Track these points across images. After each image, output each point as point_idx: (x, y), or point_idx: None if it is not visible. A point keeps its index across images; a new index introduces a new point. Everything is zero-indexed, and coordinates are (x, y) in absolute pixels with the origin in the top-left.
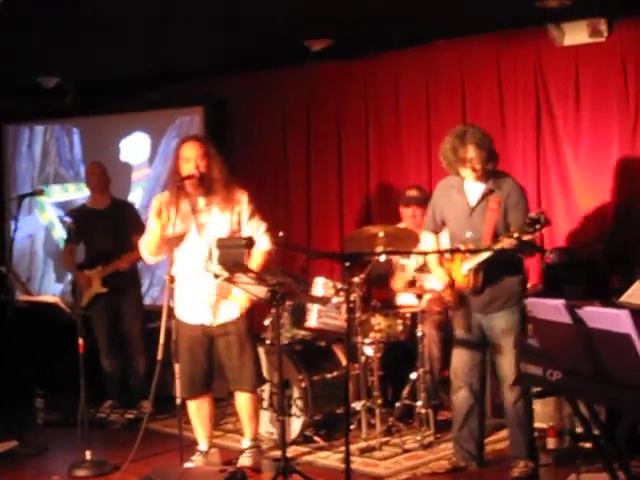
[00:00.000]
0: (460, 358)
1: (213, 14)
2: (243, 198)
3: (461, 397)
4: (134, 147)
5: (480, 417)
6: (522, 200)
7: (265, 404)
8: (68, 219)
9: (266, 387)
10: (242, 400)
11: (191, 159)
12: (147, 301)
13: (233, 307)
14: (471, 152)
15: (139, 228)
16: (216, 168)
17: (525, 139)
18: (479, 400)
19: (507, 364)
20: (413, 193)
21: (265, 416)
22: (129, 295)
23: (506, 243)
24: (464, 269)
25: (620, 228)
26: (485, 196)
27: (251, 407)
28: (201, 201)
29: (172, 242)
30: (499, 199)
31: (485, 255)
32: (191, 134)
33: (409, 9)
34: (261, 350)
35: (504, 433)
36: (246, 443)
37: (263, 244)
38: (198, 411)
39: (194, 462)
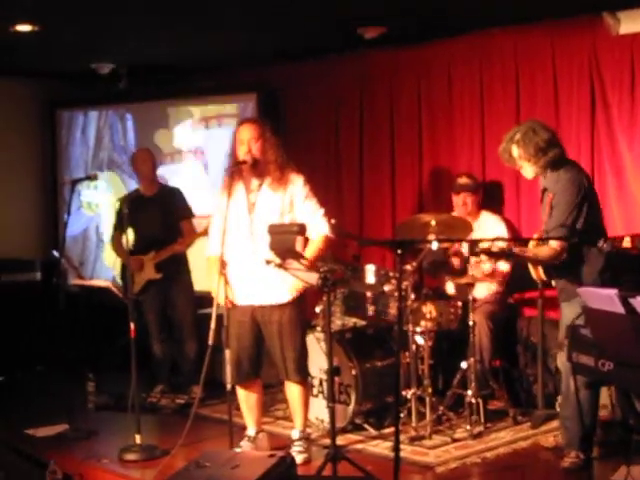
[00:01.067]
0: None
1: (267, 2)
2: (297, 180)
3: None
4: (187, 134)
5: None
6: (562, 199)
7: (315, 391)
8: (123, 206)
9: (317, 374)
10: (291, 390)
11: (245, 142)
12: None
13: (283, 291)
14: (515, 151)
15: (187, 213)
16: (270, 150)
17: (579, 129)
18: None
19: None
20: (464, 181)
21: (316, 403)
22: (180, 280)
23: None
24: None
25: None
26: (543, 193)
27: (300, 398)
28: (254, 182)
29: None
30: (551, 196)
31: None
32: (247, 117)
33: None
34: (312, 337)
35: (555, 424)
36: (295, 434)
37: (322, 228)
38: (247, 397)
39: (242, 447)
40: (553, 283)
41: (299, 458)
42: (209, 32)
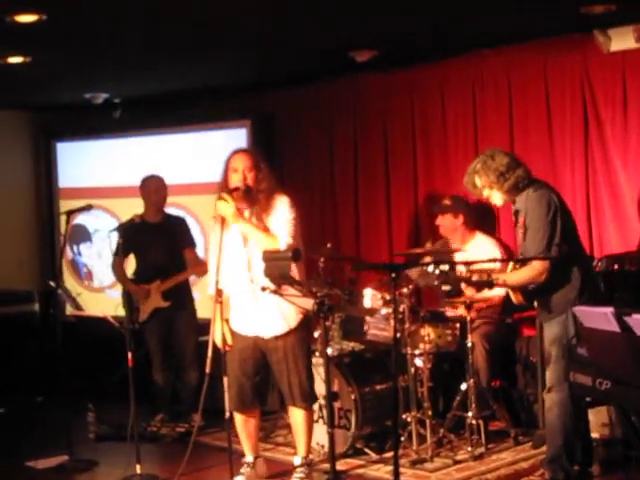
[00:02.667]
0: None
1: (258, 28)
2: (282, 201)
3: None
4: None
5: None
6: (534, 218)
7: (315, 416)
8: (116, 234)
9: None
10: (295, 416)
11: (239, 170)
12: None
13: (286, 320)
14: (478, 181)
15: (190, 242)
16: (264, 181)
17: (573, 146)
18: None
19: (549, 372)
20: (444, 201)
21: (316, 428)
22: (184, 309)
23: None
24: None
25: None
26: (516, 217)
27: (304, 423)
28: (246, 213)
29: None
30: (523, 218)
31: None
32: (240, 147)
33: (454, 18)
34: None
35: None
36: (297, 460)
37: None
38: (245, 424)
39: (243, 475)
40: (535, 304)
41: None
42: (204, 61)
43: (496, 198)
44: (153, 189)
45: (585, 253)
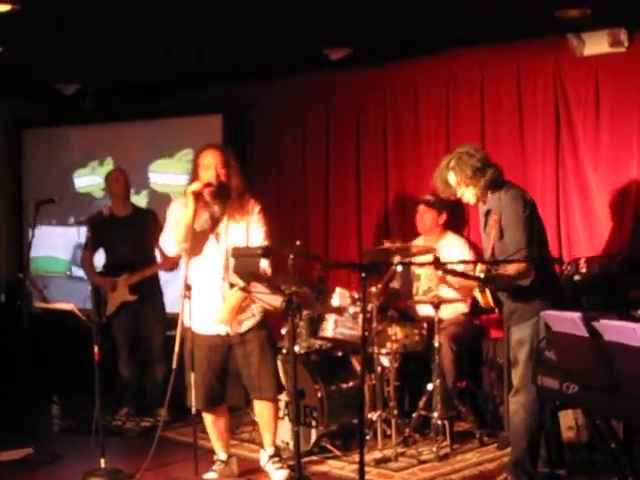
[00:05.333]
0: None
1: (232, 22)
2: (255, 208)
3: None
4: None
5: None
6: (512, 219)
7: (281, 413)
8: (85, 227)
9: (282, 397)
10: (263, 408)
11: (211, 167)
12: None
13: (249, 315)
14: (452, 178)
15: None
16: (234, 177)
17: (544, 149)
18: None
19: (516, 375)
20: (427, 196)
21: (282, 425)
22: (151, 303)
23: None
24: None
25: (639, 239)
26: (486, 216)
27: (272, 415)
28: (217, 210)
29: (195, 239)
30: (496, 218)
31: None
32: (211, 142)
33: (428, 18)
34: (278, 359)
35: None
36: (270, 451)
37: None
38: (215, 422)
39: (216, 472)
40: (502, 309)
41: (281, 475)
42: (175, 53)
43: (469, 195)
44: (113, 180)
45: (550, 256)
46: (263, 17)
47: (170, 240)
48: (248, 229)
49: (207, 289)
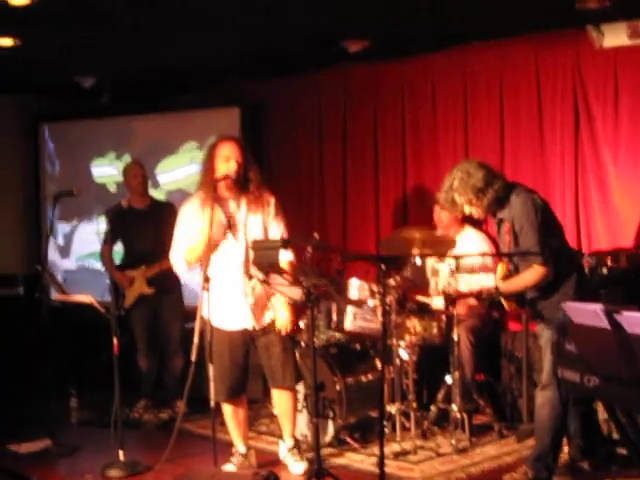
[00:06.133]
0: None
1: (250, 16)
2: (271, 201)
3: None
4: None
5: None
6: (524, 225)
7: (299, 406)
8: (104, 221)
9: (301, 389)
10: (283, 398)
11: (230, 159)
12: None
13: (272, 309)
14: (457, 199)
15: None
16: (251, 170)
17: (563, 142)
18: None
19: (545, 370)
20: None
21: (300, 419)
22: (170, 295)
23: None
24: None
25: None
26: (499, 225)
27: (291, 405)
28: (232, 203)
29: (211, 246)
30: (509, 226)
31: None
32: (227, 134)
33: (447, 11)
34: (296, 352)
35: None
36: (289, 443)
37: (286, 254)
38: (235, 414)
39: (234, 464)
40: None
41: (300, 468)
42: (193, 47)
43: (477, 213)
44: (131, 175)
45: (574, 251)
46: (281, 10)
47: (181, 261)
48: (265, 221)
49: (227, 284)
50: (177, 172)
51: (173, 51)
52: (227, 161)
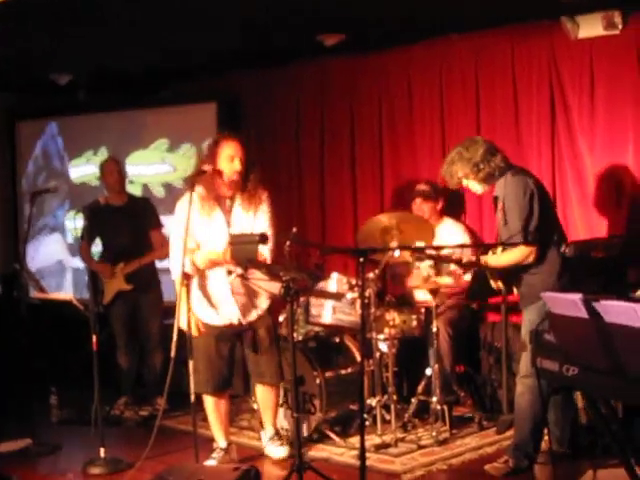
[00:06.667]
0: None
1: (226, 9)
2: (264, 196)
3: None
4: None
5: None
6: (512, 203)
7: (280, 400)
8: (80, 217)
9: (281, 384)
10: (265, 393)
11: (234, 158)
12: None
13: (260, 303)
14: (455, 172)
15: (157, 223)
16: (252, 168)
17: (540, 132)
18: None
19: (525, 358)
20: (421, 187)
21: (280, 413)
22: (149, 292)
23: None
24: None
25: (636, 221)
26: (495, 202)
27: (274, 399)
28: (229, 201)
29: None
30: (502, 203)
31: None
32: (230, 132)
33: (423, 3)
34: None
35: None
36: (270, 431)
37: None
38: (217, 408)
39: (215, 459)
40: (515, 291)
41: (282, 451)
42: (170, 43)
43: (474, 187)
44: (108, 171)
45: (565, 238)
46: (257, 4)
47: (188, 264)
48: (255, 217)
49: (216, 279)
50: (145, 168)
51: (150, 47)
52: (231, 160)
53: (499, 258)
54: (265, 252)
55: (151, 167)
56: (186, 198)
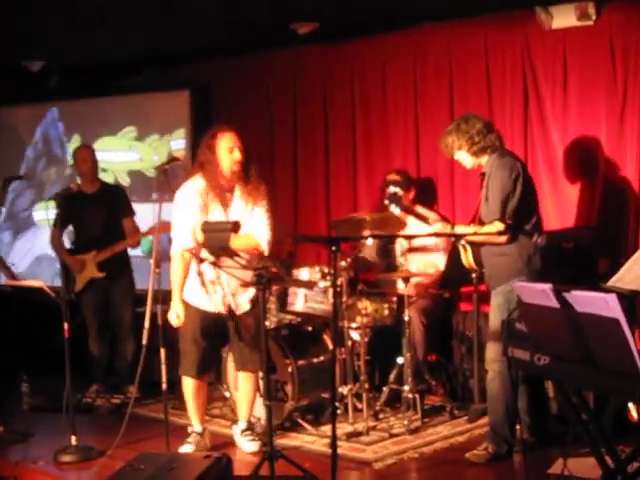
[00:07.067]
0: None
1: None
2: (262, 189)
3: None
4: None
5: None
6: (495, 185)
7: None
8: (57, 204)
9: None
10: (247, 380)
11: (233, 148)
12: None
13: (249, 295)
14: (449, 141)
15: (129, 211)
16: (251, 160)
17: (512, 123)
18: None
19: (492, 344)
20: (392, 177)
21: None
22: (121, 279)
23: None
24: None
25: (608, 212)
26: (482, 179)
27: (253, 387)
28: (228, 194)
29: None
30: (487, 181)
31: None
32: (225, 125)
33: None
34: None
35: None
36: (242, 425)
37: (263, 240)
38: (197, 392)
39: (191, 444)
40: (485, 273)
41: (253, 446)
42: (140, 30)
43: (464, 160)
44: (81, 159)
45: (541, 226)
46: None
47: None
48: (252, 212)
49: (207, 268)
50: (113, 154)
51: (123, 34)
52: (231, 152)
53: (471, 230)
54: (264, 246)
55: (118, 154)
56: (187, 187)
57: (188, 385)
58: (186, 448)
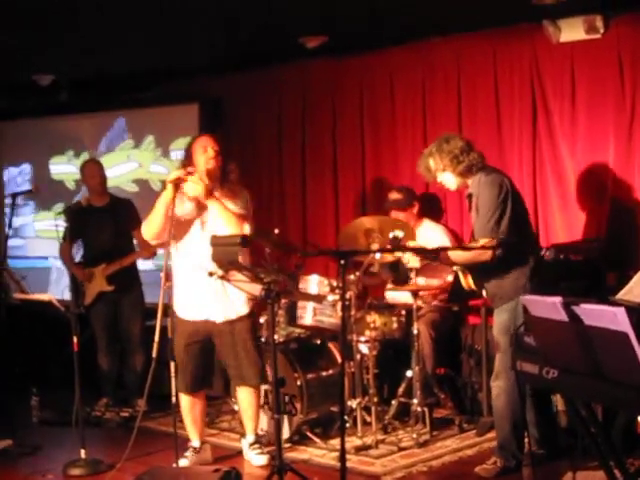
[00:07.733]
0: None
1: (208, 12)
2: (244, 195)
3: None
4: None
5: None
6: (484, 204)
7: (261, 402)
8: (62, 219)
9: (262, 385)
10: (246, 395)
11: (207, 147)
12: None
13: (239, 303)
14: (432, 164)
15: (138, 225)
16: (230, 164)
17: (521, 136)
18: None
19: (498, 360)
20: (393, 196)
21: (261, 415)
22: (130, 293)
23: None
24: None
25: (616, 225)
26: (469, 201)
27: (254, 402)
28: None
29: (180, 227)
30: (475, 201)
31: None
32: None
33: (405, 5)
34: None
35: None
36: (250, 439)
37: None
38: (192, 408)
39: (187, 458)
40: (483, 293)
41: (262, 459)
42: (151, 44)
43: (449, 182)
44: (89, 175)
45: (537, 240)
46: (240, 6)
47: (146, 231)
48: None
49: (195, 276)
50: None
51: (132, 49)
52: (205, 151)
53: (459, 253)
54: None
55: (118, 167)
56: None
57: (183, 401)
58: (183, 462)
